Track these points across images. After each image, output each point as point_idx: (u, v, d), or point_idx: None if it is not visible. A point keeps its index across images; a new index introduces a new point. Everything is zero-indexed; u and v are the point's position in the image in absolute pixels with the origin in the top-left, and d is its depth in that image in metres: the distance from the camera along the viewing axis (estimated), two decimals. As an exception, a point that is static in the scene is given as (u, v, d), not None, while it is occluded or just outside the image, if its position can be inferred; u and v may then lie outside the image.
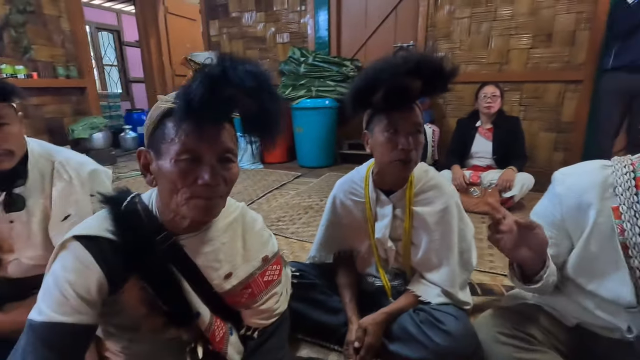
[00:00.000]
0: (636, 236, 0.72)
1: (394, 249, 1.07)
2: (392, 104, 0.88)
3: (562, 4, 2.85)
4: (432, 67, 0.80)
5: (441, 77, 0.82)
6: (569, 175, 0.83)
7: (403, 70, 0.80)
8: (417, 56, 0.80)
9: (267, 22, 3.98)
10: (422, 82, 0.82)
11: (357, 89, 0.88)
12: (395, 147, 0.91)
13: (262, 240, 0.79)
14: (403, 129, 0.90)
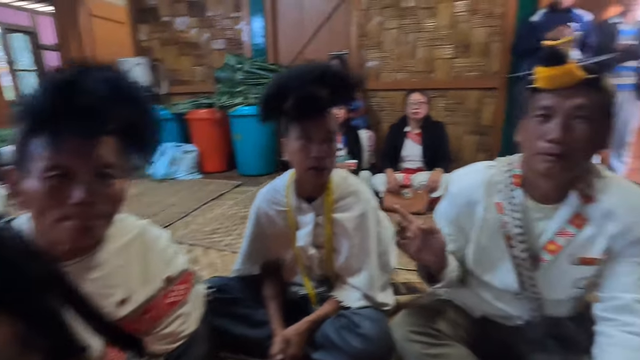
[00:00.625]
0: (514, 228, 0.80)
1: (317, 256, 1.08)
2: (303, 112, 0.90)
3: (477, 18, 3.13)
4: (337, 78, 0.83)
5: (346, 87, 0.85)
6: (461, 176, 0.91)
7: (309, 79, 0.82)
8: (323, 66, 0.82)
9: (201, 27, 3.87)
10: (329, 91, 0.85)
11: (267, 96, 0.89)
12: (309, 155, 0.92)
13: (165, 259, 0.75)
14: (315, 137, 0.92)
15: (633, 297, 0.72)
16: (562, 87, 0.68)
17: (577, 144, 0.68)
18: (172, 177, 3.44)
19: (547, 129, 0.69)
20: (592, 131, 0.68)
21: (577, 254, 0.77)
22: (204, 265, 1.72)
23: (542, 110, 0.70)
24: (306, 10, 3.65)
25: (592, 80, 0.67)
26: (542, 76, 0.69)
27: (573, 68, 0.66)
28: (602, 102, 0.68)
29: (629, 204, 0.73)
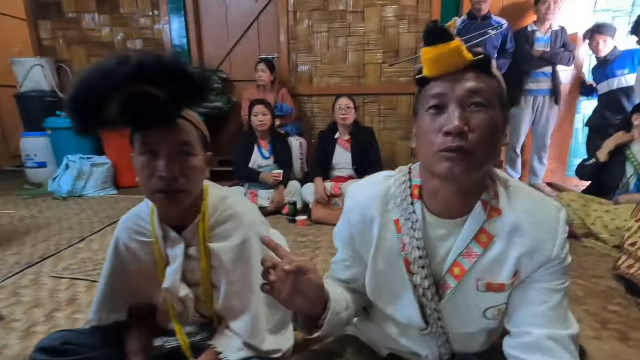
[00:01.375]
0: (414, 249, 0.66)
1: (191, 296, 0.87)
2: (134, 121, 0.68)
3: (404, 24, 3.13)
4: (166, 73, 0.62)
5: (186, 85, 0.65)
6: (356, 188, 0.76)
7: (119, 76, 0.60)
8: (138, 57, 0.61)
9: (114, 26, 3.48)
10: (166, 89, 0.64)
11: (72, 101, 0.64)
12: (153, 173, 0.71)
13: None
14: (162, 151, 0.71)
15: (543, 332, 0.61)
16: (451, 72, 0.57)
17: (478, 134, 0.56)
18: (79, 193, 3.01)
19: (443, 121, 0.57)
20: (491, 119, 0.57)
21: (483, 278, 0.65)
22: (83, 304, 1.41)
23: (434, 99, 0.58)
24: (232, 11, 3.42)
25: (481, 63, 0.57)
26: (427, 57, 0.57)
27: (459, 46, 0.55)
28: (495, 88, 0.58)
29: (536, 218, 0.62)
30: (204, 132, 0.79)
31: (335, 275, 0.83)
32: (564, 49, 2.70)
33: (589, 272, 1.62)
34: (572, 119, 3.08)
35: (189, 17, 3.38)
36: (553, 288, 0.62)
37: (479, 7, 2.67)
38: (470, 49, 0.57)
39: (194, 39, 3.43)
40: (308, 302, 0.63)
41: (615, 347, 1.12)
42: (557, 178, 3.18)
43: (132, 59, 0.60)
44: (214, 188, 0.89)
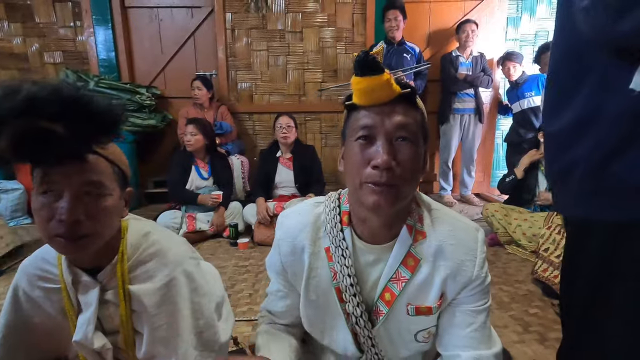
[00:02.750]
0: (345, 277, 0.66)
1: (109, 347, 0.77)
2: (29, 158, 0.60)
3: (341, 45, 3.24)
4: (64, 105, 0.55)
5: (87, 117, 0.57)
6: (286, 217, 0.74)
7: (5, 110, 0.52)
8: (30, 90, 0.53)
9: (28, 36, 3.14)
10: (63, 124, 0.57)
11: None
12: (53, 216, 0.63)
13: None
14: (66, 191, 0.63)
15: (471, 354, 0.64)
16: (380, 103, 0.58)
17: (403, 168, 0.58)
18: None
19: (372, 153, 0.58)
20: (415, 153, 0.59)
21: (413, 302, 0.66)
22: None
23: (363, 130, 0.59)
24: (165, 26, 3.28)
25: (408, 96, 0.59)
26: (358, 87, 0.58)
27: (389, 79, 0.56)
28: (419, 122, 0.61)
29: (457, 240, 0.65)
30: (122, 167, 0.71)
31: (270, 308, 0.80)
32: (484, 73, 2.99)
33: (512, 278, 1.76)
34: (493, 135, 3.40)
35: (117, 30, 3.17)
36: (476, 309, 0.65)
37: (392, 35, 2.89)
38: (397, 80, 0.59)
39: (124, 54, 3.22)
40: None
41: (536, 349, 1.22)
42: (483, 188, 3.46)
43: (22, 91, 0.52)
44: (136, 223, 0.81)
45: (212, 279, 0.96)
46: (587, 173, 0.51)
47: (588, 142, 0.51)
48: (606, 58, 0.49)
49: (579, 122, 0.53)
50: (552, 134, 0.60)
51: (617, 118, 0.49)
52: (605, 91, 0.50)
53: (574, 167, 0.51)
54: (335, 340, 0.72)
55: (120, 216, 0.74)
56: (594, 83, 0.52)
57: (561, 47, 0.61)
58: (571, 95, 0.55)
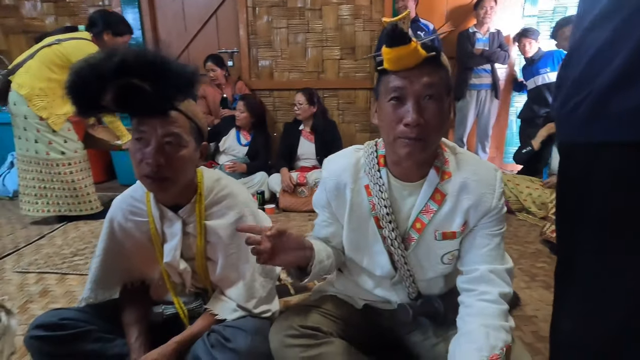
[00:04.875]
0: (382, 208, 0.81)
1: (189, 270, 0.95)
2: (125, 109, 0.74)
3: (359, 23, 3.30)
4: (147, 66, 0.68)
5: (168, 77, 0.70)
6: (330, 160, 0.90)
7: (106, 69, 0.67)
8: (122, 53, 0.67)
9: (59, 15, 3.27)
10: (149, 83, 0.69)
11: (66, 91, 0.70)
12: (142, 159, 0.77)
13: None
14: (151, 140, 0.77)
15: (487, 267, 0.78)
16: (408, 67, 0.69)
17: (431, 123, 0.70)
18: (28, 193, 2.82)
19: (403, 113, 0.71)
20: (440, 108, 0.71)
21: (440, 229, 0.81)
22: (57, 296, 1.41)
23: (394, 92, 0.71)
24: (189, 5, 3.38)
25: (433, 58, 0.69)
26: (388, 57, 0.70)
27: (417, 46, 0.67)
28: (444, 79, 0.72)
29: (479, 177, 0.79)
30: (199, 124, 0.85)
31: (316, 235, 0.95)
32: (501, 49, 3.04)
33: (522, 239, 1.91)
34: (507, 112, 3.47)
35: (144, 9, 3.28)
36: (493, 233, 0.80)
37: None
38: (424, 44, 0.70)
39: (150, 32, 3.34)
40: (294, 254, 0.77)
41: (542, 294, 1.38)
42: (496, 164, 3.56)
43: (116, 55, 0.67)
44: (208, 171, 0.97)
45: (267, 221, 1.13)
46: (597, 99, 0.54)
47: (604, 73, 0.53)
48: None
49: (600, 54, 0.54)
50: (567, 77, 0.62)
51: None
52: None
53: (587, 96, 0.55)
54: (373, 261, 0.87)
55: (195, 165, 0.89)
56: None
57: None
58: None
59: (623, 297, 0.55)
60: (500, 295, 0.75)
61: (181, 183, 0.85)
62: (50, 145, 2.06)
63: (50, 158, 2.07)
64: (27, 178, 2.10)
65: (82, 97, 0.71)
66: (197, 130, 0.85)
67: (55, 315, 0.89)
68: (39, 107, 1.99)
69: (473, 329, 0.72)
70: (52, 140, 2.06)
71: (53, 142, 2.06)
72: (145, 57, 0.69)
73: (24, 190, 2.13)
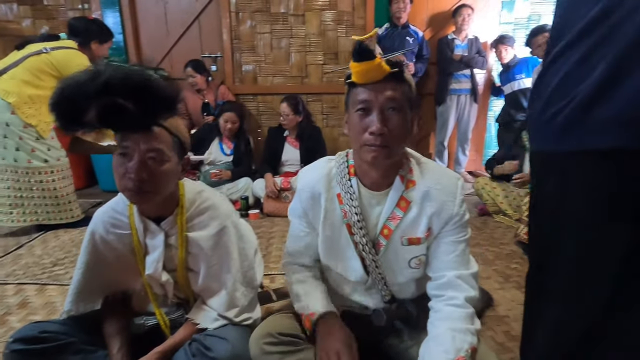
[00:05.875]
0: (353, 215, 0.86)
1: (171, 281, 0.96)
2: (109, 126, 0.76)
3: (342, 28, 3.35)
4: (133, 87, 0.70)
5: (153, 97, 0.73)
6: (304, 172, 0.95)
7: (91, 89, 0.69)
8: (110, 73, 0.69)
9: (37, 18, 3.21)
10: (132, 102, 0.71)
11: (51, 107, 0.72)
12: (125, 174, 0.79)
13: None
14: (135, 154, 0.79)
15: (454, 273, 0.83)
16: (373, 81, 0.76)
17: (394, 132, 0.77)
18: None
19: (369, 122, 0.77)
20: (403, 120, 0.78)
21: (405, 235, 0.86)
22: (36, 307, 1.39)
23: (361, 104, 0.78)
24: (171, 9, 3.36)
25: (396, 74, 0.76)
26: (356, 71, 0.76)
27: (381, 62, 0.74)
28: (406, 93, 0.78)
29: (442, 186, 0.85)
30: (181, 138, 0.87)
31: (295, 246, 0.98)
32: (479, 55, 3.14)
33: (498, 241, 1.99)
34: (486, 116, 3.58)
35: (125, 13, 3.25)
36: (457, 240, 0.85)
37: (398, 16, 3.02)
38: (389, 60, 0.77)
39: (131, 35, 3.31)
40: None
41: (514, 294, 1.44)
42: (476, 166, 3.67)
43: (102, 75, 0.69)
44: (190, 183, 0.99)
45: (249, 231, 1.15)
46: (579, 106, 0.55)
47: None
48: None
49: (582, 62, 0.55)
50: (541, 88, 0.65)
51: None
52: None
53: (567, 105, 0.57)
54: (347, 266, 0.91)
55: (177, 178, 0.91)
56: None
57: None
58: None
59: (595, 302, 0.57)
60: (467, 299, 0.80)
61: (163, 196, 0.86)
62: (33, 153, 2.03)
63: (32, 166, 2.03)
64: (1, 187, 2.05)
65: (66, 114, 0.72)
66: (179, 145, 0.87)
67: (35, 328, 0.89)
68: (27, 114, 1.98)
69: (440, 333, 0.77)
70: (35, 148, 2.03)
71: (36, 149, 2.03)
72: (130, 79, 0.71)
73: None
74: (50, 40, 2.13)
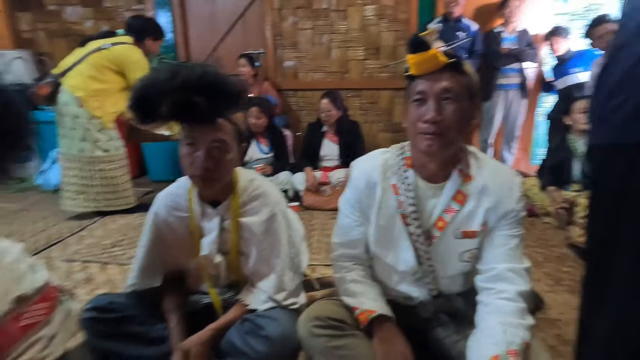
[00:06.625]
0: (409, 206, 0.87)
1: (224, 263, 1.02)
2: (180, 119, 0.83)
3: (384, 23, 3.32)
4: (206, 85, 0.78)
5: (223, 94, 0.81)
6: (360, 161, 0.96)
7: (170, 87, 0.76)
8: (187, 72, 0.77)
9: (98, 19, 3.47)
10: (207, 98, 0.79)
11: (132, 103, 0.81)
12: (193, 162, 0.86)
13: (14, 276, 0.64)
14: (201, 145, 0.86)
15: (505, 266, 0.81)
16: (430, 72, 0.77)
17: (448, 121, 0.77)
18: (68, 187, 3.01)
19: (424, 111, 0.78)
20: (459, 110, 0.77)
21: (460, 228, 0.85)
22: (100, 283, 1.52)
23: (418, 95, 0.79)
24: (218, 7, 3.50)
25: (454, 64, 0.76)
26: (412, 62, 0.77)
27: (436, 53, 0.75)
28: (465, 84, 0.78)
29: (499, 181, 0.84)
30: (240, 128, 0.94)
31: (346, 238, 0.97)
32: (529, 47, 2.98)
33: (548, 243, 1.89)
34: (534, 113, 3.39)
35: (176, 12, 3.43)
36: (511, 234, 0.83)
37: (451, 11, 2.91)
38: (446, 52, 0.77)
39: (181, 34, 3.49)
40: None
41: (566, 298, 1.37)
42: (522, 165, 3.50)
43: (180, 74, 0.76)
44: (243, 171, 1.04)
45: (296, 220, 1.19)
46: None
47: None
48: None
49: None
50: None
51: None
52: None
53: (631, 97, 0.56)
54: (398, 256, 0.91)
55: (235, 166, 0.98)
56: None
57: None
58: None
59: None
60: (518, 293, 0.78)
61: (224, 182, 0.94)
62: (97, 143, 2.21)
63: (95, 156, 2.22)
64: (68, 175, 2.26)
65: (144, 109, 0.80)
66: (239, 134, 0.94)
67: (105, 299, 0.99)
68: (94, 107, 2.17)
69: (490, 326, 0.75)
70: (99, 139, 2.21)
71: (99, 140, 2.22)
72: (205, 77, 0.78)
73: (65, 187, 2.29)
74: (107, 36, 2.30)
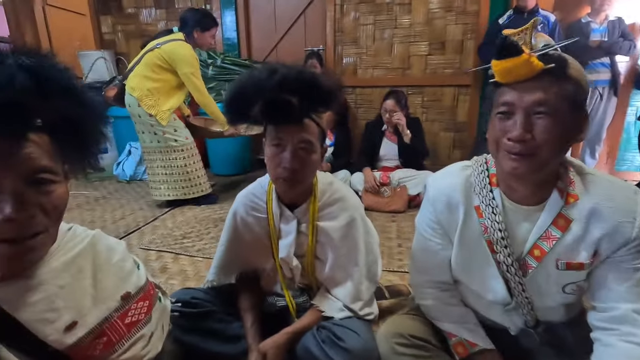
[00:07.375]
0: (496, 232, 0.75)
1: (299, 266, 1.01)
2: (271, 119, 0.82)
3: (452, 16, 3.13)
4: (303, 84, 0.76)
5: (318, 94, 0.78)
6: (437, 179, 0.85)
7: (268, 86, 0.74)
8: (284, 72, 0.75)
9: (169, 20, 3.67)
10: (300, 98, 0.77)
11: (231, 100, 0.80)
12: (279, 164, 0.84)
13: (121, 275, 0.65)
14: (288, 146, 0.84)
15: (630, 306, 0.68)
16: (521, 80, 0.63)
17: (540, 140, 0.63)
18: (141, 178, 3.25)
19: (509, 127, 0.65)
20: (556, 126, 0.63)
21: (563, 258, 0.72)
22: (173, 273, 1.60)
23: (503, 106, 0.66)
24: (280, 5, 3.53)
25: (554, 70, 0.61)
26: (497, 69, 0.65)
27: (528, 58, 0.61)
28: (567, 94, 0.62)
29: (615, 203, 0.68)
30: (324, 129, 0.91)
31: (429, 263, 0.87)
32: (624, 39, 2.63)
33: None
34: (624, 113, 3.01)
35: (240, 12, 3.52)
36: (633, 267, 0.68)
37: (524, 4, 2.63)
38: (546, 54, 0.62)
39: (244, 32, 3.58)
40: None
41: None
42: (606, 171, 3.13)
43: (279, 73, 0.74)
44: (322, 174, 1.02)
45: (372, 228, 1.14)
46: None
47: None
48: None
49: None
50: None
51: None
52: None
53: None
54: (485, 285, 0.81)
55: (319, 167, 0.94)
56: None
57: None
58: None
59: None
60: None
61: (308, 184, 0.93)
62: (165, 136, 2.33)
63: (168, 145, 2.35)
64: (153, 167, 2.42)
65: (239, 107, 0.80)
66: (322, 135, 0.91)
67: (187, 293, 1.02)
68: (148, 105, 2.27)
69: None
70: (165, 131, 2.33)
71: (166, 132, 2.33)
72: (303, 76, 0.76)
73: (151, 178, 2.47)
74: (164, 35, 2.37)
